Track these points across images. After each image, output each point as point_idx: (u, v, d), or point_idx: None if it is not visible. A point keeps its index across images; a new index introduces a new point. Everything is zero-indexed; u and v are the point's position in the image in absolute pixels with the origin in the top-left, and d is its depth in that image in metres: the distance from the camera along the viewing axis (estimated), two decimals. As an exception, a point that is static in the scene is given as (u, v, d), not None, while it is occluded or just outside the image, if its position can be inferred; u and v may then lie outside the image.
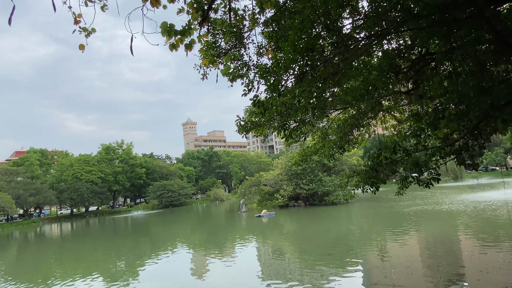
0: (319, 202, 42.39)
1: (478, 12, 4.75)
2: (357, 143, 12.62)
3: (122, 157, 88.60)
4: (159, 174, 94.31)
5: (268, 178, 45.62)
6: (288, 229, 27.32)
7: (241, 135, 5.56)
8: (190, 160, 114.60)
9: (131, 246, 25.86)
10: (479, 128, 5.70)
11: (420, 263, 12.99)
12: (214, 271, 14.31)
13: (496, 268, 11.03)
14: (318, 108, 6.12)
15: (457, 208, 27.09)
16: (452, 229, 19.69)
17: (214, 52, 5.95)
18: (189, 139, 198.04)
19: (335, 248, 16.99)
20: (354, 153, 46.17)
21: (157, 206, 79.28)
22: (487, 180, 59.85)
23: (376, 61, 8.48)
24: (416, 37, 6.68)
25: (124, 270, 16.88)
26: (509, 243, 14.19)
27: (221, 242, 23.20)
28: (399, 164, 6.65)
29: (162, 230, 36.02)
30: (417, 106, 9.13)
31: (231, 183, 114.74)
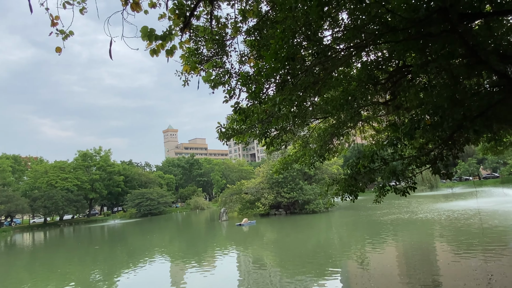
0: (300, 211, 42.56)
1: (452, 27, 4.96)
2: (337, 152, 12.82)
3: (99, 164, 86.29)
4: (138, 182, 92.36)
5: (249, 187, 45.50)
6: (269, 238, 27.23)
7: (221, 142, 5.53)
8: (171, 167, 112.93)
9: (107, 256, 25.06)
10: (453, 138, 5.91)
11: (397, 271, 13.20)
12: (193, 282, 14.03)
13: (470, 275, 11.35)
14: (298, 116, 6.19)
15: (432, 217, 27.82)
16: (428, 237, 20.16)
17: (196, 59, 5.94)
18: (169, 146, 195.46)
19: (315, 257, 17.05)
20: (334, 162, 46.83)
21: (135, 215, 77.40)
22: (461, 189, 61.89)
23: (356, 72, 8.70)
24: (394, 50, 6.91)
25: (99, 280, 16.31)
26: (482, 251, 14.65)
27: (200, 251, 22.84)
28: (377, 172, 6.79)
29: (139, 240, 35.13)
30: (394, 117, 9.38)
31: (212, 191, 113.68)
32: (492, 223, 21.36)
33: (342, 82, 8.34)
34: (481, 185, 66.96)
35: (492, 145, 12.89)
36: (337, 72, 8.55)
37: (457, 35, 5.07)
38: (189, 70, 5.34)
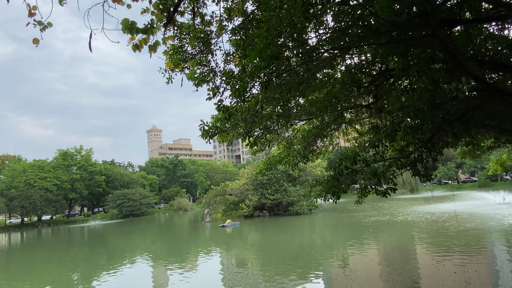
0: (284, 212, 42.72)
1: (432, 32, 5.08)
2: (320, 154, 12.94)
3: (80, 163, 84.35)
4: (120, 182, 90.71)
5: (233, 188, 45.36)
6: (252, 239, 27.19)
7: (205, 140, 5.47)
8: (154, 168, 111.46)
9: (87, 257, 24.48)
10: (432, 141, 6.04)
11: (378, 272, 13.39)
12: (175, 284, 13.85)
13: (447, 275, 11.62)
14: (283, 116, 6.21)
15: (412, 219, 28.42)
16: (408, 239, 20.56)
17: (181, 56, 5.88)
18: (153, 146, 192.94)
19: (298, 258, 17.12)
20: (318, 164, 47.30)
21: (117, 216, 75.94)
22: (440, 193, 63.50)
23: (340, 75, 8.80)
24: (377, 53, 7.02)
25: (78, 283, 15.90)
26: (459, 252, 15.04)
27: (183, 253, 22.59)
28: (359, 174, 6.88)
29: (121, 241, 34.48)
30: (376, 120, 9.53)
31: (196, 192, 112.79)
32: (468, 225, 21.98)
33: (327, 85, 8.43)
34: (460, 189, 68.95)
35: (470, 149, 13.28)
36: (322, 74, 8.64)
37: (438, 40, 5.19)
38: (172, 66, 5.27)
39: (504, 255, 14.02)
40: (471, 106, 6.03)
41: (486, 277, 11.26)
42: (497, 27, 8.44)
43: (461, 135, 5.82)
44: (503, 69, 6.87)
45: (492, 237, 18.11)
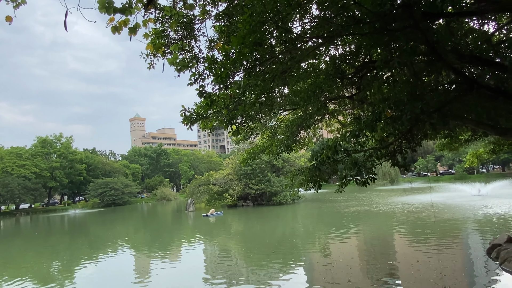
0: (267, 202, 43.10)
1: (414, 24, 5.15)
2: (304, 145, 13.06)
3: (60, 151, 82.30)
4: (102, 171, 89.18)
5: (217, 178, 45.35)
6: (236, 229, 27.37)
7: (186, 126, 5.41)
8: (137, 157, 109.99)
9: (67, 247, 24.10)
10: (411, 132, 6.19)
11: (358, 260, 13.75)
12: (158, 273, 13.82)
13: (424, 262, 12.06)
14: (266, 104, 6.21)
15: (391, 209, 29.20)
16: (387, 228, 21.14)
17: (163, 41, 5.76)
18: (136, 135, 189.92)
19: (280, 247, 17.36)
20: (302, 155, 47.80)
21: (98, 205, 74.86)
22: (419, 184, 65.34)
23: (324, 66, 8.85)
24: (361, 44, 7.07)
25: (58, 272, 15.66)
26: (435, 241, 15.58)
27: (166, 242, 22.54)
28: (340, 163, 6.99)
29: (102, 230, 34.07)
30: (359, 111, 9.66)
31: (179, 182, 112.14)
32: (444, 216, 22.76)
33: (311, 75, 8.46)
34: (438, 181, 71.14)
35: (448, 141, 13.67)
36: (306, 64, 8.67)
37: (419, 32, 5.27)
38: (153, 50, 5.16)
39: (477, 243, 14.62)
40: (449, 99, 6.18)
41: (460, 264, 11.74)
42: (478, 22, 8.63)
43: (439, 126, 5.98)
44: (481, 63, 7.05)
45: (466, 227, 18.82)
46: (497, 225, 18.34)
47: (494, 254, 11.56)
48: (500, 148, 15.07)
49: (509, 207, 24.50)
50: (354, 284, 10.25)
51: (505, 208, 24.21)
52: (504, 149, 15.51)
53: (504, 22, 9.00)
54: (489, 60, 7.02)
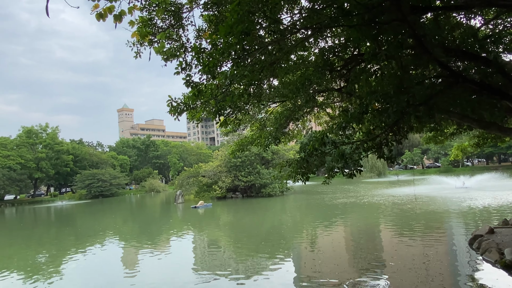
0: (256, 194, 43.31)
1: (402, 17, 5.18)
2: (293, 137, 13.12)
3: (46, 142, 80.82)
4: (89, 162, 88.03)
5: (207, 170, 45.25)
6: (225, 220, 27.46)
7: (173, 116, 5.36)
8: (125, 148, 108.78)
9: (54, 238, 23.84)
10: (398, 125, 6.26)
11: (344, 251, 13.98)
12: (146, 265, 13.80)
13: (408, 252, 12.34)
14: (254, 96, 6.19)
15: (377, 201, 29.70)
16: (373, 219, 21.51)
17: (150, 29, 5.66)
18: (124, 126, 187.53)
19: (269, 238, 17.51)
20: (291, 147, 48.04)
21: (85, 196, 74.04)
22: (405, 177, 66.44)
23: (313, 58, 8.85)
24: (349, 37, 7.10)
25: (44, 264, 15.50)
26: (420, 232, 15.94)
27: (154, 234, 22.49)
28: (327, 156, 7.06)
29: (90, 221, 33.77)
30: (347, 103, 9.73)
31: (168, 174, 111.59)
32: (428, 208, 23.25)
33: (300, 67, 8.46)
34: (424, 174, 72.46)
35: (434, 135, 13.90)
36: (296, 56, 8.66)
37: (407, 25, 5.32)
38: (139, 38, 5.07)
39: (460, 234, 15.01)
40: (435, 92, 6.27)
41: (443, 254, 12.05)
42: (465, 17, 8.73)
43: (424, 119, 6.07)
44: (467, 57, 7.16)
45: (450, 218, 19.27)
46: (480, 216, 18.84)
47: (476, 244, 11.90)
48: (484, 141, 15.41)
49: (492, 199, 25.16)
50: (340, 274, 10.43)
51: (488, 200, 24.86)
52: (488, 143, 15.86)
53: (490, 17, 9.12)
54: (474, 55, 7.13)
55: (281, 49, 5.14)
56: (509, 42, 8.42)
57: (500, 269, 9.55)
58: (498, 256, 10.10)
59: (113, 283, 11.50)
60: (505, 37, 8.28)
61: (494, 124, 8.79)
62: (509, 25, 8.83)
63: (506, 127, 9.16)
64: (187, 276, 11.67)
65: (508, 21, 8.89)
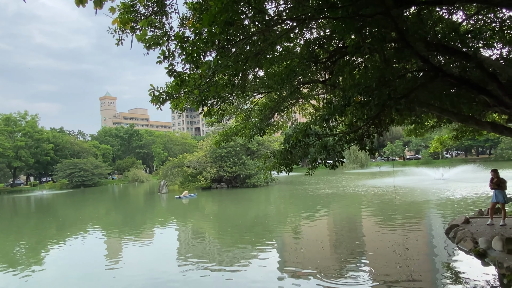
0: (241, 185, 43.50)
1: (386, 11, 5.23)
2: (278, 128, 13.18)
3: (25, 130, 78.47)
4: (70, 151, 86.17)
5: (192, 160, 45.02)
6: (209, 210, 27.50)
7: (155, 105, 5.29)
8: (107, 137, 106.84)
9: (34, 228, 23.37)
10: (379, 117, 6.38)
11: (327, 240, 14.27)
12: (129, 255, 13.73)
13: (389, 241, 12.70)
14: (238, 86, 6.17)
15: (360, 191, 30.33)
16: (355, 210, 21.98)
17: (132, 16, 5.52)
18: (107, 115, 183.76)
19: (253, 228, 17.67)
20: (276, 138, 48.24)
21: (67, 186, 72.67)
22: (387, 168, 67.92)
23: (299, 49, 8.86)
24: (334, 29, 7.13)
25: (24, 254, 15.21)
26: (400, 221, 16.40)
27: (137, 224, 22.33)
28: (311, 147, 7.14)
29: (71, 211, 33.22)
30: (331, 96, 9.82)
31: (152, 164, 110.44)
32: (408, 199, 23.91)
33: (285, 58, 8.46)
34: (405, 165, 74.22)
35: (415, 127, 14.22)
36: (281, 47, 8.64)
37: (390, 18, 5.38)
38: (120, 25, 4.94)
39: (438, 224, 15.52)
40: (416, 85, 6.40)
41: (421, 243, 12.46)
42: (447, 12, 8.88)
43: (405, 112, 6.21)
44: (448, 52, 7.31)
45: (429, 209, 19.88)
46: (457, 207, 19.51)
47: (452, 234, 12.34)
48: (462, 134, 15.87)
49: (469, 190, 26.06)
50: (323, 264, 10.67)
51: (466, 191, 25.73)
52: (466, 136, 16.35)
53: (472, 12, 9.31)
54: (455, 49, 7.29)
55: (266, 40, 5.13)
56: (488, 38, 8.63)
57: (474, 258, 9.96)
58: (472, 245, 10.52)
59: (94, 274, 11.41)
60: (485, 33, 8.49)
61: (472, 117, 9.05)
62: (489, 21, 9.04)
63: (483, 121, 9.46)
64: (171, 266, 11.69)
65: (488, 17, 9.10)
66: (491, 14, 8.97)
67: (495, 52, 9.30)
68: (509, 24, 8.45)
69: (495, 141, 74.41)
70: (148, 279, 10.32)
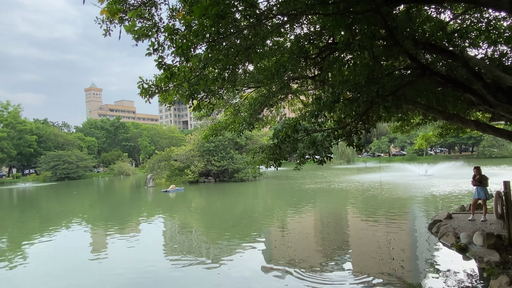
0: (229, 179, 43.49)
1: (376, 8, 5.27)
2: (267, 123, 13.20)
3: (7, 120, 76.41)
4: (54, 143, 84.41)
5: (179, 154, 44.70)
6: (196, 205, 27.44)
7: (143, 98, 5.21)
8: (93, 130, 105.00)
9: (16, 221, 22.89)
10: (367, 114, 6.46)
11: (313, 234, 14.44)
12: (114, 249, 13.59)
13: (373, 235, 12.94)
14: (228, 81, 6.14)
15: (347, 187, 30.73)
16: (340, 205, 22.28)
17: (120, 7, 5.40)
18: (92, 106, 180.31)
19: (240, 222, 17.73)
20: (265, 133, 48.33)
21: (50, 179, 71.23)
22: (372, 164, 68.97)
23: (289, 45, 8.86)
24: (325, 25, 7.15)
25: (6, 248, 14.89)
26: (384, 216, 16.71)
27: (123, 218, 22.12)
28: (300, 142, 7.19)
29: (55, 204, 32.63)
30: (320, 92, 9.88)
31: (139, 157, 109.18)
32: (392, 194, 24.37)
33: (275, 53, 8.45)
34: (390, 161, 75.52)
35: (401, 124, 14.45)
36: (271, 42, 8.62)
37: (380, 16, 5.42)
38: (108, 15, 4.84)
39: (421, 219, 15.88)
40: (403, 83, 6.49)
41: (405, 238, 12.74)
42: (435, 10, 9.00)
43: (392, 109, 6.30)
44: (435, 50, 7.43)
45: (413, 204, 20.31)
46: (440, 203, 19.98)
47: (435, 229, 12.66)
48: (447, 132, 16.21)
49: (452, 186, 26.71)
50: (309, 257, 10.80)
51: (449, 187, 26.37)
52: (450, 133, 16.71)
53: (459, 12, 9.46)
54: (442, 48, 7.41)
55: (257, 34, 5.10)
56: (474, 38, 8.81)
57: (456, 252, 10.26)
58: (454, 240, 10.82)
59: (79, 268, 11.28)
60: (471, 32, 8.66)
61: (457, 115, 9.25)
62: (476, 21, 9.21)
63: (467, 119, 9.67)
64: (157, 261, 11.63)
65: (475, 17, 9.27)
66: (478, 14, 9.15)
67: (480, 52, 9.51)
68: (494, 25, 8.63)
69: (478, 139, 76.35)
70: (134, 273, 10.26)
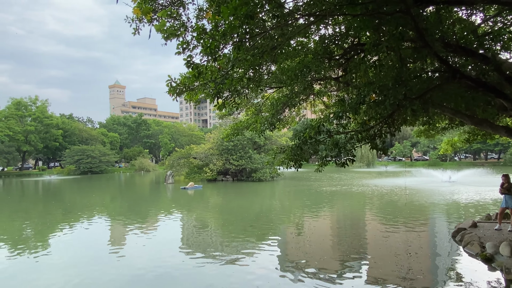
0: (247, 178, 43.62)
1: (406, 9, 5.16)
2: (287, 123, 13.15)
3: (35, 115, 79.46)
4: (79, 137, 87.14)
5: (198, 152, 45.22)
6: (214, 202, 27.66)
7: (171, 96, 5.30)
8: (115, 126, 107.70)
9: (41, 212, 23.77)
10: (392, 117, 6.33)
11: (330, 237, 14.28)
12: (132, 242, 13.91)
13: (392, 240, 12.66)
14: (253, 80, 6.16)
15: (366, 190, 30.20)
16: (360, 208, 21.93)
17: (150, 6, 5.51)
18: (115, 103, 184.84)
19: (257, 222, 17.75)
20: (284, 134, 48.18)
21: (74, 172, 73.59)
22: (393, 168, 67.53)
23: (313, 45, 8.79)
24: (351, 26, 7.05)
25: (31, 237, 15.50)
26: (405, 222, 16.33)
27: (142, 212, 22.57)
28: (321, 144, 7.13)
29: (78, 197, 33.68)
30: (343, 93, 9.75)
31: (159, 154, 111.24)
32: (414, 200, 23.76)
33: (299, 53, 8.41)
34: (412, 166, 73.66)
35: (426, 128, 14.07)
36: (295, 42, 8.59)
37: (410, 17, 5.30)
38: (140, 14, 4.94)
39: (444, 227, 15.43)
40: (432, 86, 6.32)
41: (426, 245, 12.41)
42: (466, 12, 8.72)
43: (419, 113, 6.15)
44: (465, 53, 7.20)
45: (435, 211, 19.75)
46: (464, 210, 19.35)
47: (459, 237, 12.26)
48: (474, 138, 15.66)
49: (477, 194, 25.80)
50: (325, 260, 10.70)
51: (473, 195, 25.48)
52: (477, 139, 16.14)
53: (491, 14, 9.12)
54: (473, 51, 7.17)
55: (283, 35, 5.10)
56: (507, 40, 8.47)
57: (480, 262, 9.89)
58: (479, 249, 10.45)
59: (99, 258, 11.60)
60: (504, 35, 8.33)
61: (486, 121, 8.93)
62: (509, 23, 8.86)
63: (497, 125, 9.33)
64: (174, 255, 11.82)
65: (508, 19, 8.91)
66: (511, 16, 8.79)
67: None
68: (529, 27, 8.28)
69: (505, 146, 73.39)
70: (151, 268, 10.45)
